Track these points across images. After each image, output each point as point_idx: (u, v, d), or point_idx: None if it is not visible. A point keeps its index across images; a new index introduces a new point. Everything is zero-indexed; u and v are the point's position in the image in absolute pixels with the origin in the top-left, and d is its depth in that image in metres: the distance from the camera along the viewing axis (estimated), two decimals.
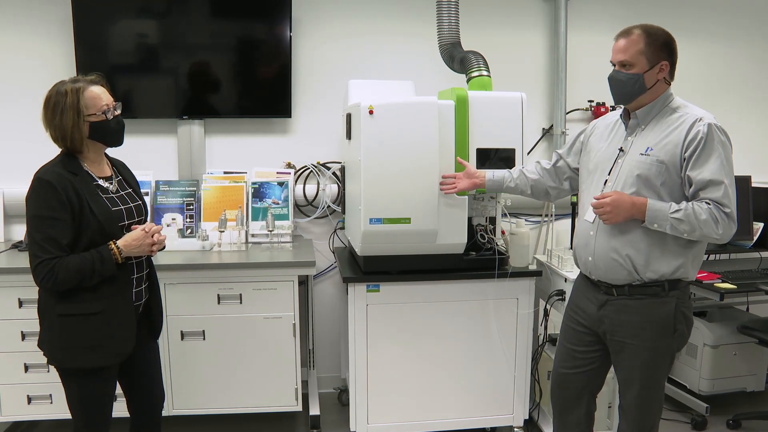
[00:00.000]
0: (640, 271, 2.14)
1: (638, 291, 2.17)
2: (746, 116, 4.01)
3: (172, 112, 3.46)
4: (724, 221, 2.03)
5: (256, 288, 2.96)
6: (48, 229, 1.96)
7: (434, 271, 2.85)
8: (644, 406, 2.25)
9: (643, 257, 2.13)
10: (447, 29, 3.12)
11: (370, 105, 2.63)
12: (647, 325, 2.17)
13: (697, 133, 2.05)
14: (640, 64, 2.11)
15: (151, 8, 3.36)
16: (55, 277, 1.95)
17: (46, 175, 1.98)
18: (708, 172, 2.04)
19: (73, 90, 2.02)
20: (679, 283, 2.17)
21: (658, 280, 2.14)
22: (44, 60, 3.39)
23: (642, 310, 2.17)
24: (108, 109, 2.08)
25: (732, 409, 3.37)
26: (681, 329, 2.19)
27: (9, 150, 3.43)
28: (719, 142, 2.05)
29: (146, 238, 2.10)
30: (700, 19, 3.88)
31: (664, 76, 2.14)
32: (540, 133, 3.80)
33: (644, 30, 2.13)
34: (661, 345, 2.19)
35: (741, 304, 3.65)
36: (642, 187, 2.12)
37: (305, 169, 3.61)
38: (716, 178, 2.03)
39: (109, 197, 2.12)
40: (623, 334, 2.21)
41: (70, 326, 2.04)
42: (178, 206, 3.38)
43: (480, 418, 3.05)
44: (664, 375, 2.28)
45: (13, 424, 3.19)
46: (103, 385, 2.13)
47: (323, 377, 3.73)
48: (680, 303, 2.17)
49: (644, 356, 2.20)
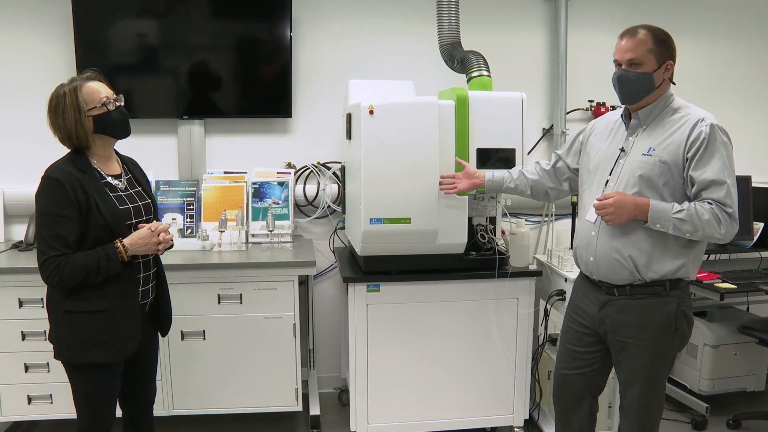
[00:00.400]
0: (642, 271, 2.14)
1: (639, 291, 2.17)
2: (747, 116, 4.01)
3: (173, 112, 3.46)
4: (726, 221, 2.03)
5: (256, 288, 2.96)
6: (55, 227, 1.99)
7: (434, 271, 2.85)
8: (645, 406, 2.25)
9: (645, 257, 2.13)
10: (447, 29, 3.12)
11: (371, 105, 2.63)
12: (648, 325, 2.17)
13: (699, 133, 2.05)
14: (649, 63, 2.10)
15: (151, 8, 3.36)
16: (60, 274, 1.98)
17: (55, 173, 2.01)
18: (711, 172, 2.04)
19: (70, 89, 2.06)
20: (680, 283, 2.17)
21: (659, 279, 2.14)
22: (44, 60, 3.39)
23: (643, 309, 2.17)
24: (108, 100, 2.11)
25: (732, 409, 3.37)
26: (682, 329, 2.19)
27: (9, 150, 3.43)
28: (721, 143, 2.06)
29: (152, 237, 2.12)
30: (700, 19, 3.88)
31: (669, 76, 2.15)
32: (540, 133, 3.80)
33: (649, 29, 2.13)
34: (663, 345, 2.19)
35: (741, 304, 3.65)
36: (644, 187, 2.12)
37: (305, 169, 3.61)
38: (719, 178, 2.03)
39: (117, 195, 2.14)
40: (624, 334, 2.21)
41: (76, 323, 2.07)
42: (179, 206, 3.38)
43: (480, 418, 3.05)
44: (665, 375, 2.28)
45: (13, 424, 3.19)
46: (108, 381, 2.16)
47: (323, 377, 3.73)
48: (681, 302, 2.17)
49: (645, 356, 2.19)
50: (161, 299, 2.34)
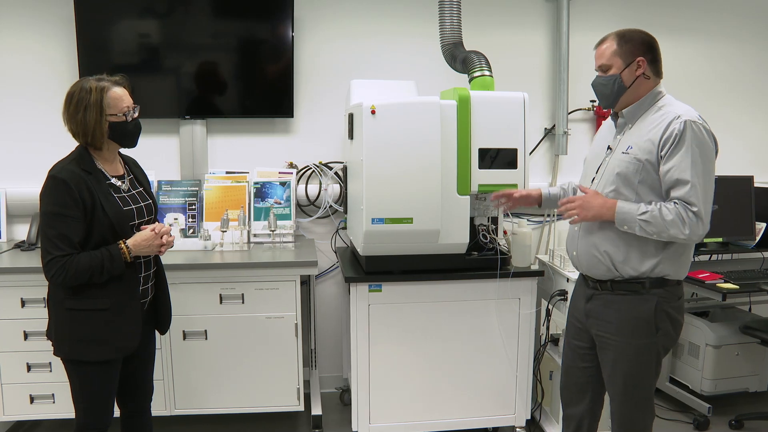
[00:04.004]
0: (619, 267, 2.16)
1: (620, 287, 2.19)
2: (750, 117, 4.01)
3: (175, 112, 3.47)
4: (691, 221, 2.01)
5: (258, 288, 2.96)
6: (61, 227, 2.00)
7: (436, 271, 2.86)
8: (629, 406, 2.25)
9: (621, 254, 2.15)
10: (449, 29, 3.12)
11: (372, 105, 2.63)
12: (628, 322, 2.18)
13: (672, 130, 2.05)
14: (615, 65, 2.16)
15: (153, 8, 3.36)
16: (65, 273, 2.00)
17: (61, 173, 2.02)
18: (676, 170, 2.03)
19: (97, 88, 2.07)
20: (664, 282, 2.16)
21: (638, 277, 2.15)
22: (47, 60, 3.39)
23: (623, 306, 2.19)
24: (128, 111, 2.14)
25: (734, 410, 3.37)
26: (665, 328, 2.18)
27: (11, 150, 3.44)
28: (693, 140, 2.03)
29: (156, 239, 2.15)
30: (703, 20, 3.87)
31: (643, 72, 2.15)
32: (542, 133, 3.80)
33: (617, 33, 2.19)
34: (643, 343, 2.19)
35: (743, 304, 3.64)
36: (621, 185, 2.14)
37: (307, 168, 3.61)
38: (683, 176, 2.02)
39: (120, 196, 2.16)
40: (606, 329, 2.23)
41: (77, 320, 2.09)
42: (181, 206, 3.38)
43: (482, 418, 3.05)
44: (650, 376, 2.25)
45: (15, 423, 3.19)
46: (107, 378, 2.17)
47: (325, 377, 3.73)
48: (663, 301, 2.16)
49: (626, 353, 2.20)
50: (160, 297, 2.36)
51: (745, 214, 3.50)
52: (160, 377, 2.95)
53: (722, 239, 3.47)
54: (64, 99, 2.09)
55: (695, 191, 2.01)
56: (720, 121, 3.85)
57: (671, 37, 3.83)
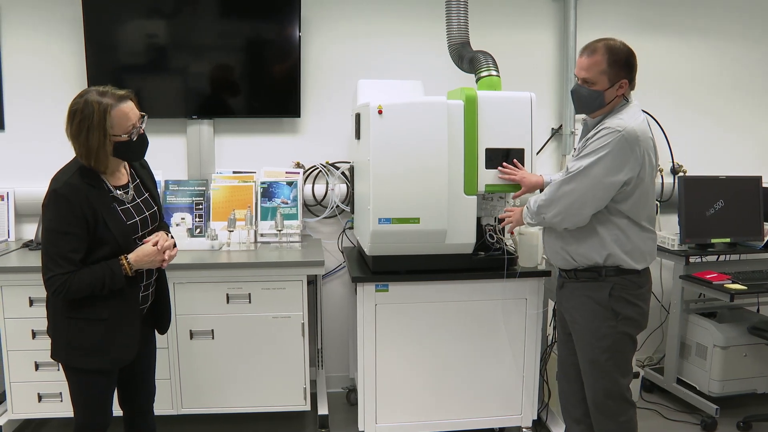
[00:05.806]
0: (575, 257, 2.37)
1: (581, 275, 2.39)
2: (759, 116, 3.98)
3: (182, 112, 3.48)
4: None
5: (265, 287, 2.97)
6: (62, 245, 1.99)
7: (443, 271, 2.85)
8: (597, 390, 2.37)
9: (573, 247, 2.36)
10: (456, 29, 3.11)
11: (379, 105, 2.63)
12: (586, 305, 2.37)
13: (590, 136, 2.27)
14: (601, 83, 2.27)
15: (160, 8, 3.37)
16: (66, 290, 1.99)
17: (63, 189, 1.98)
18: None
19: (100, 109, 1.97)
20: (621, 271, 2.31)
21: (593, 266, 2.34)
22: (54, 60, 3.41)
23: (584, 291, 2.38)
24: (134, 128, 2.06)
25: (742, 411, 3.35)
26: (626, 313, 2.32)
27: (20, 150, 3.45)
28: (603, 146, 2.19)
29: (158, 255, 2.14)
30: (712, 19, 3.85)
31: (622, 93, 2.29)
32: (549, 133, 3.79)
33: (608, 48, 2.25)
34: (602, 326, 2.33)
35: (751, 305, 3.62)
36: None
37: (314, 168, 3.62)
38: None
39: (124, 208, 2.13)
40: (572, 315, 2.44)
41: (76, 328, 2.09)
42: (188, 206, 3.39)
43: (488, 418, 3.05)
44: (615, 363, 2.35)
45: (24, 421, 3.21)
46: (103, 384, 2.18)
47: (332, 377, 3.73)
48: (619, 287, 2.31)
49: (587, 337, 2.38)
50: (161, 300, 2.35)
51: (754, 215, 3.48)
52: (167, 377, 2.96)
53: (730, 240, 3.45)
54: (66, 113, 2.02)
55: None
56: (728, 121, 3.86)
57: (678, 36, 3.82)
